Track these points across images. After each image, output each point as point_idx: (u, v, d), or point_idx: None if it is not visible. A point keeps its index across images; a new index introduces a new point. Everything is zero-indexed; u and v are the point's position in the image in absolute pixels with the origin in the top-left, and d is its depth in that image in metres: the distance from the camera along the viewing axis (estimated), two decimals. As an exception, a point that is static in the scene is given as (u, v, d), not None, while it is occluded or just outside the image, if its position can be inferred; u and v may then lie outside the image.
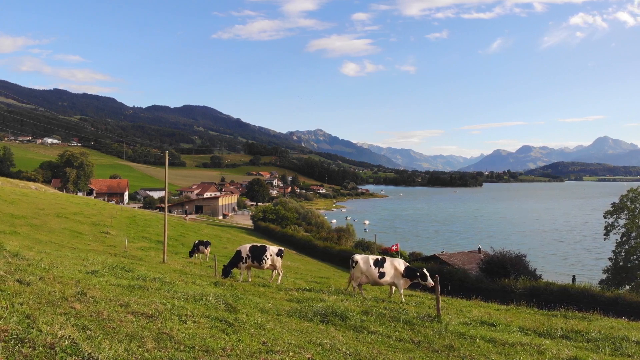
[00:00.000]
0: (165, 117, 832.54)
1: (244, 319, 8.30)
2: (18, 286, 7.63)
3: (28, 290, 7.49)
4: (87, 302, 7.56)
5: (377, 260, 16.19)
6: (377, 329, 9.65)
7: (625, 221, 49.86)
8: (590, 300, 29.18)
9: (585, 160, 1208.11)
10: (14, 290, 7.31)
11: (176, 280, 12.96)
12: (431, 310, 12.27)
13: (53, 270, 9.69)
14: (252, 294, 12.95)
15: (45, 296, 7.39)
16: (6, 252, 10.84)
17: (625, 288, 40.76)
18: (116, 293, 8.88)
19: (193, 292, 10.42)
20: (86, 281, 9.46)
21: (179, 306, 8.48)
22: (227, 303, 9.84)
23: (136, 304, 7.92)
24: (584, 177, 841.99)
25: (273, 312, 10.06)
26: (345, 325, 9.73)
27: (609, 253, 51.20)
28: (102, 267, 12.42)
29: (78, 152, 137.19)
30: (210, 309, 8.95)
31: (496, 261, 38.84)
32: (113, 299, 8.12)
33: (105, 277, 10.76)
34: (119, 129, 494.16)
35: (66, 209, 48.88)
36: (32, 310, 6.28)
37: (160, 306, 8.09)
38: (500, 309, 16.44)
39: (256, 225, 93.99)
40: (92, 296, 8.06)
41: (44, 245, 20.62)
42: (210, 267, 23.49)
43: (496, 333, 10.28)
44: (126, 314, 7.13)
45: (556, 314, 15.17)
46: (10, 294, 7.02)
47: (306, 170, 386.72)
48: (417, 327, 10.40)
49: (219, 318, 8.09)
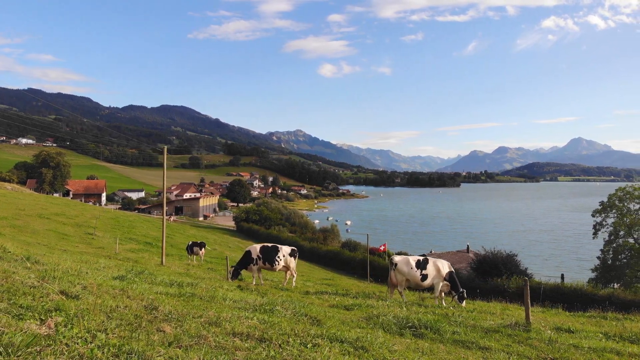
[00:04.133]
0: (142, 117, 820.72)
1: (369, 339, 7.20)
2: (68, 301, 6.40)
3: (84, 306, 6.23)
4: (170, 321, 6.43)
5: (419, 262, 15.16)
6: (488, 344, 8.66)
7: (614, 220, 50.57)
8: (584, 299, 29.43)
9: (560, 160, 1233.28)
10: (72, 308, 6.00)
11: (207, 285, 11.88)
12: (495, 317, 11.50)
13: (84, 277, 8.71)
14: (294, 301, 11.76)
15: (115, 315, 6.19)
16: (12, 254, 9.96)
17: (614, 286, 41.20)
18: (184, 307, 7.76)
19: (254, 301, 9.47)
20: (131, 290, 8.44)
21: (272, 322, 7.40)
22: (306, 315, 8.85)
23: (226, 321, 6.88)
24: (559, 177, 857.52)
25: (354, 324, 9.04)
26: (442, 339, 8.74)
27: (590, 252, 51.96)
28: (126, 272, 11.49)
29: (54, 152, 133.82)
30: (298, 324, 7.91)
31: (488, 261, 38.97)
32: (195, 316, 6.98)
33: (143, 284, 9.79)
34: (95, 129, 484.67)
35: (47, 210, 47.49)
36: (127, 343, 5.02)
37: (252, 323, 7.05)
38: (535, 312, 15.44)
39: (239, 227, 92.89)
40: (166, 312, 6.87)
41: (33, 247, 19.68)
42: (210, 269, 22.85)
43: (586, 340, 9.65)
44: (231, 338, 6.10)
45: (593, 314, 14.83)
46: (74, 315, 5.69)
47: (287, 170, 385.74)
48: (516, 338, 9.45)
49: (335, 338, 6.93)
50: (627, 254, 47.57)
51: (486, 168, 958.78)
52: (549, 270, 57.38)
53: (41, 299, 6.23)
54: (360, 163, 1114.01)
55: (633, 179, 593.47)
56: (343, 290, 16.92)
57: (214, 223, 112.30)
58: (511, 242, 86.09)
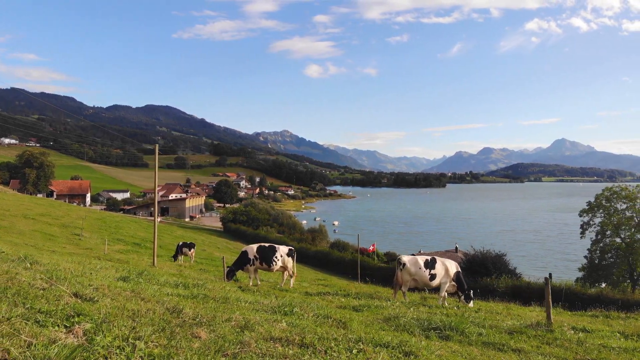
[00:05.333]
0: (127, 117, 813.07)
1: (413, 344, 6.83)
2: (85, 304, 5.98)
3: (105, 310, 5.79)
4: (201, 325, 6.00)
5: (427, 262, 15.01)
6: (519, 346, 8.39)
7: (601, 219, 51.20)
8: (573, 298, 29.72)
9: (544, 161, 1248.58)
10: (94, 312, 5.58)
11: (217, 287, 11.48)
12: (504, 317, 11.37)
13: (90, 278, 8.27)
14: (309, 302, 11.19)
15: (143, 320, 5.77)
16: (6, 254, 9.64)
17: (602, 285, 41.72)
18: (204, 309, 7.34)
19: (269, 303, 9.13)
20: (142, 292, 7.99)
21: (301, 326, 7.03)
22: (329, 317, 8.43)
23: (257, 324, 6.47)
24: (543, 178, 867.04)
25: (377, 326, 8.68)
26: (469, 341, 8.39)
27: (575, 252, 52.52)
28: (128, 272, 11.08)
29: (38, 152, 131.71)
30: (324, 326, 7.43)
31: (477, 260, 39.25)
32: (223, 319, 6.55)
33: (152, 286, 9.34)
34: (78, 129, 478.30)
35: (32, 210, 46.74)
36: (171, 352, 4.65)
37: (283, 326, 6.69)
38: (536, 311, 15.28)
39: (226, 227, 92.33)
40: (192, 316, 6.47)
41: (21, 247, 19.26)
42: (202, 270, 22.59)
43: (611, 340, 9.47)
44: (272, 344, 5.70)
45: (596, 314, 14.84)
46: (101, 321, 5.24)
47: (274, 171, 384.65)
48: (543, 339, 9.24)
49: (377, 343, 6.57)
50: (613, 253, 48.24)
51: (471, 169, 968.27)
52: (535, 270, 57.92)
53: (57, 302, 5.87)
54: (347, 163, 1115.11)
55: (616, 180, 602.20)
56: (341, 290, 16.64)
57: (201, 224, 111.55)
58: (497, 242, 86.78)
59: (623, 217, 49.23)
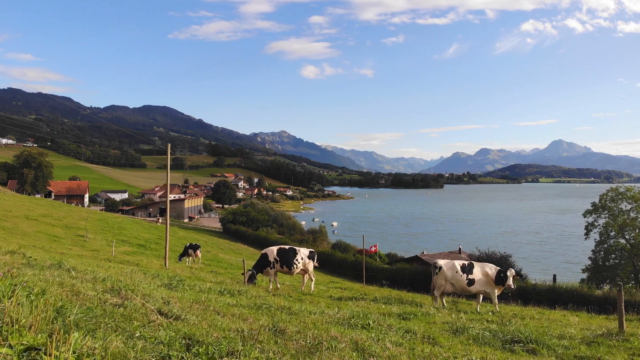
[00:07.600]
0: (124, 118, 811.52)
1: None
2: (178, 325, 5.34)
3: (204, 331, 5.11)
4: (318, 346, 5.38)
5: (465, 266, 14.61)
6: (613, 359, 7.86)
7: (605, 220, 51.15)
8: (580, 300, 29.57)
9: (541, 162, 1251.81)
10: (205, 336, 4.90)
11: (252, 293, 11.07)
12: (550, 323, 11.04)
13: (140, 286, 7.54)
14: (373, 312, 10.57)
15: (266, 348, 5.09)
16: (38, 261, 9.32)
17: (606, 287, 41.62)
18: (292, 323, 6.79)
19: (335, 314, 8.64)
20: (212, 304, 7.29)
21: (410, 346, 6.59)
22: (411, 331, 7.92)
23: (371, 342, 6.01)
24: (540, 179, 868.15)
25: (456, 340, 8.07)
26: (556, 354, 7.82)
27: (577, 253, 52.41)
28: (168, 279, 10.53)
29: (36, 152, 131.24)
30: (416, 342, 7.03)
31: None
32: (331, 338, 5.95)
33: (216, 297, 8.68)
34: (76, 129, 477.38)
35: (34, 211, 46.47)
36: None
37: (401, 350, 6.20)
38: (567, 315, 15.06)
39: (226, 228, 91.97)
40: (295, 332, 5.97)
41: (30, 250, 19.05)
42: (215, 273, 22.40)
43: None
44: None
45: (629, 317, 14.55)
46: (223, 350, 4.50)
47: (272, 172, 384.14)
48: (629, 350, 8.77)
49: None
50: (618, 254, 48.21)
51: (469, 169, 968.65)
52: (538, 272, 57.91)
53: (155, 326, 5.09)
54: (344, 164, 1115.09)
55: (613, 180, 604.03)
56: (364, 294, 16.03)
57: (200, 225, 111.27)
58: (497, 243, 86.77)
59: (628, 218, 49.24)
